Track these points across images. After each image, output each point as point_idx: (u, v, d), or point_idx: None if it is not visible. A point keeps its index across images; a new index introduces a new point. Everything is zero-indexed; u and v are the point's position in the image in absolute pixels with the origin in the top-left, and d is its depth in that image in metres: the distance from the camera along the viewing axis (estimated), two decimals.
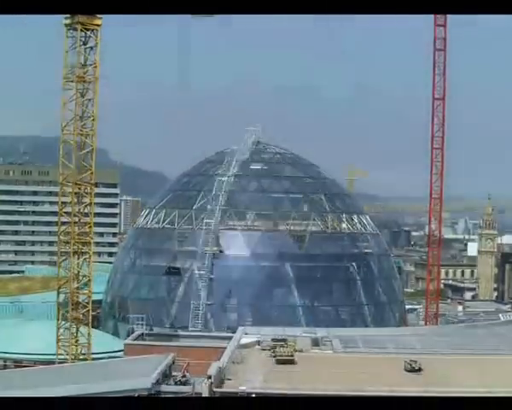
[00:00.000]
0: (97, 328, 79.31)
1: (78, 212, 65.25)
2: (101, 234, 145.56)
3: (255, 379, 40.10)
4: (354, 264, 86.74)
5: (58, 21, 64.93)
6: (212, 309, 79.88)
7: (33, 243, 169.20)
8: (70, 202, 65.33)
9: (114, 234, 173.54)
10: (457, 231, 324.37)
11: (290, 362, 44.10)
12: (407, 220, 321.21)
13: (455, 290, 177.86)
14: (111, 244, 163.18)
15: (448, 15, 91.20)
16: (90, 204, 65.81)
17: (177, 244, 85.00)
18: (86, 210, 65.85)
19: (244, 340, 50.28)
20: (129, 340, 61.71)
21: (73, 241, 64.82)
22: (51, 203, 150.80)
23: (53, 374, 48.90)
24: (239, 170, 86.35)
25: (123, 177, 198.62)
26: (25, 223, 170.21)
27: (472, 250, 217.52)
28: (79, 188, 65.24)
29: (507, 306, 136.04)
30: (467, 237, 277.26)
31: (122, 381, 41.56)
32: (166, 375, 43.45)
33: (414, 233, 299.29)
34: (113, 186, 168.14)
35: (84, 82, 64.95)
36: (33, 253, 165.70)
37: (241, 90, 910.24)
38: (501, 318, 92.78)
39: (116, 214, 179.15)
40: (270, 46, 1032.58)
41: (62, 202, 66.53)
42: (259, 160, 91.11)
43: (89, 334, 65.19)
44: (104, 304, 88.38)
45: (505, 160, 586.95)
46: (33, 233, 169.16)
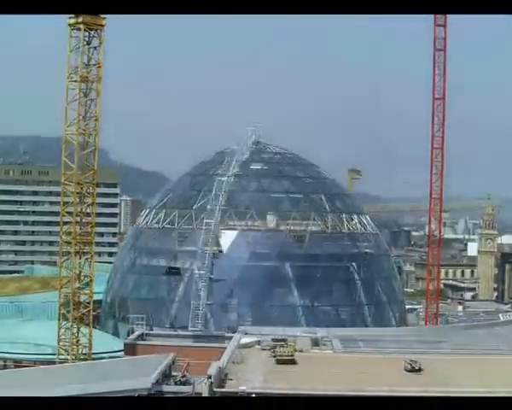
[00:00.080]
0: (97, 328, 79.25)
1: (80, 212, 65.26)
2: (101, 234, 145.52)
3: (255, 379, 40.11)
4: (354, 264, 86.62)
5: (62, 21, 65.00)
6: (212, 309, 79.83)
7: (33, 243, 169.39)
8: (72, 202, 65.34)
9: (114, 234, 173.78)
10: (457, 231, 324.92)
11: (290, 362, 44.13)
12: (407, 220, 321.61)
13: (455, 290, 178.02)
14: (111, 244, 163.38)
15: (448, 15, 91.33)
16: (92, 204, 65.85)
17: (177, 244, 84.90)
18: (88, 210, 65.87)
19: (244, 340, 50.30)
20: (129, 340, 61.65)
21: (75, 241, 64.84)
22: (51, 203, 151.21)
23: (53, 374, 48.86)
24: (239, 170, 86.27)
25: (123, 177, 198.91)
26: (25, 223, 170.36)
27: (472, 250, 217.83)
28: (81, 188, 65.26)
29: (507, 306, 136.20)
30: (467, 237, 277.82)
31: (122, 381, 41.49)
32: (166, 375, 43.37)
33: (414, 233, 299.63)
34: (113, 186, 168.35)
35: (88, 82, 64.96)
36: (33, 253, 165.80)
37: (234, 86, 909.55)
38: (501, 318, 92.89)
39: (116, 214, 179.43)
40: (267, 45, 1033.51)
41: (64, 202, 66.55)
42: (259, 160, 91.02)
43: (90, 334, 65.19)
44: (104, 304, 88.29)
45: (505, 159, 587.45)
46: (33, 233, 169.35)
